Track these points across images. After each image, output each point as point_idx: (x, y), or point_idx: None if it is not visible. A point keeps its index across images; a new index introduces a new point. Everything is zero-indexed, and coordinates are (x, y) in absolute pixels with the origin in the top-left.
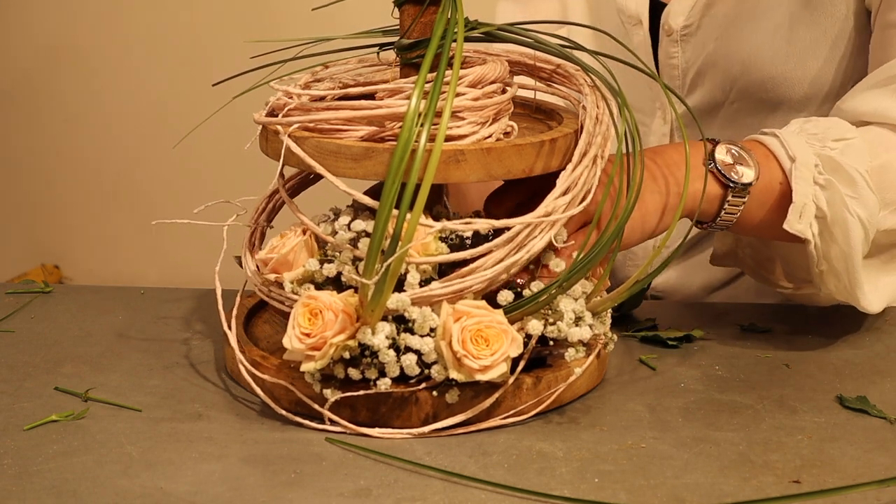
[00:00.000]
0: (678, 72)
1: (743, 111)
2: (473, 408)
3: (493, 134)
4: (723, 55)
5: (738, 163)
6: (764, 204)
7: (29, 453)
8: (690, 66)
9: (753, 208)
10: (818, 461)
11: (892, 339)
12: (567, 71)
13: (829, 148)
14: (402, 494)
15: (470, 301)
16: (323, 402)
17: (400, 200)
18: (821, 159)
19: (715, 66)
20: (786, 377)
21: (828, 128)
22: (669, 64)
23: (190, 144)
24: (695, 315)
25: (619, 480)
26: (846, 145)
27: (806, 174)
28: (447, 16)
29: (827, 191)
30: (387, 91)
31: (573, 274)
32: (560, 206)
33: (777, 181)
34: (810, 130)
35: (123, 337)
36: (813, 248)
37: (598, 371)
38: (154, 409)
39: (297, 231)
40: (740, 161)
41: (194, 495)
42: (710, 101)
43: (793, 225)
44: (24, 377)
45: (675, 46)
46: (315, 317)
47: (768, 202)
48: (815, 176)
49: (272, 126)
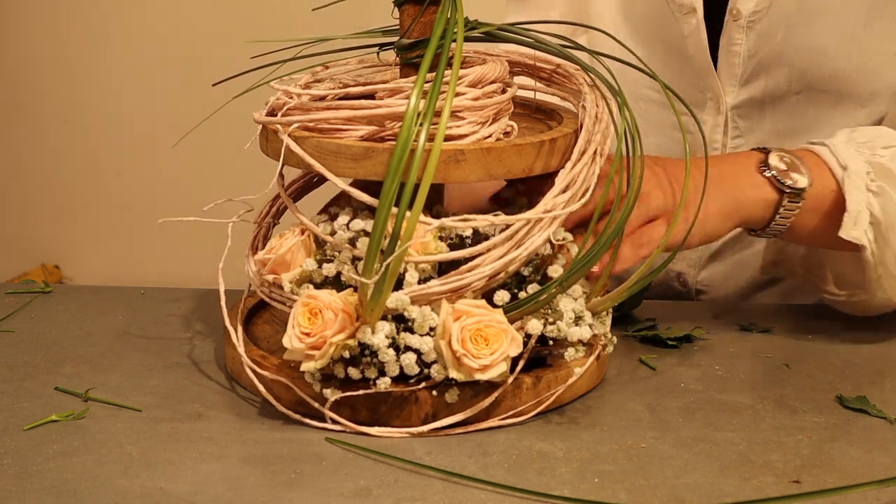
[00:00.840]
0: (739, 59)
1: (805, 102)
2: (473, 407)
3: (493, 134)
4: (791, 44)
5: (791, 170)
6: (817, 211)
7: (29, 453)
8: (754, 53)
9: (807, 215)
10: (818, 461)
11: (892, 339)
12: (567, 70)
13: (879, 155)
14: (402, 494)
15: (469, 300)
16: (323, 401)
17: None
18: (872, 166)
19: (782, 55)
20: (786, 377)
21: (876, 136)
22: (731, 51)
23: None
24: (695, 315)
25: (619, 480)
26: (895, 152)
27: (858, 182)
28: (447, 16)
29: (880, 197)
30: (387, 91)
31: (573, 274)
32: (560, 203)
33: (830, 189)
34: (858, 139)
35: (123, 337)
36: (869, 254)
37: (598, 371)
38: (154, 409)
39: (296, 231)
40: (794, 168)
41: (194, 495)
42: (773, 90)
43: (849, 232)
44: (24, 377)
45: (741, 33)
46: (315, 316)
47: (821, 209)
48: (868, 183)
49: (272, 126)
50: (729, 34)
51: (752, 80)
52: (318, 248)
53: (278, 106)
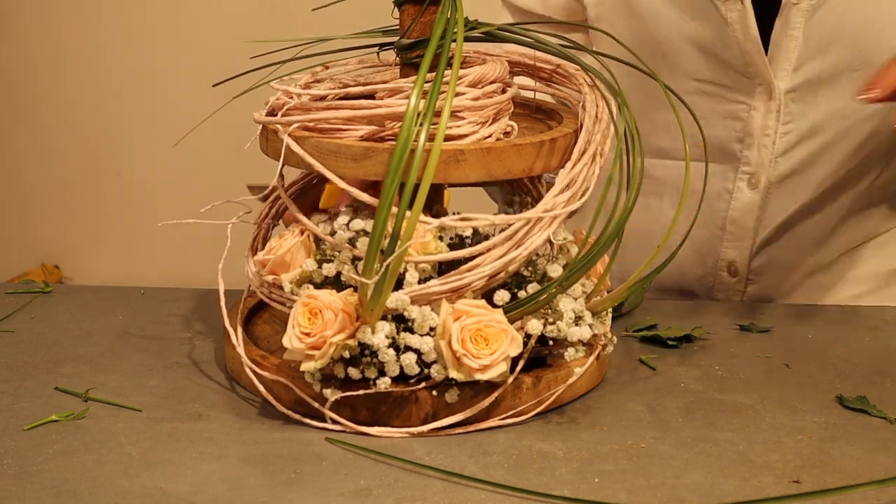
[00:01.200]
0: (796, 43)
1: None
2: (473, 407)
3: (493, 134)
4: (852, 21)
5: None
6: None
7: (29, 453)
8: (811, 34)
9: None
10: (818, 461)
11: (892, 339)
12: (567, 71)
13: None
14: (402, 494)
15: (469, 300)
16: (323, 401)
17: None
18: None
19: (840, 33)
20: (786, 377)
21: None
22: (789, 35)
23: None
24: (695, 315)
25: (619, 480)
26: None
27: None
28: (447, 16)
29: None
30: (387, 91)
31: (573, 273)
32: (559, 202)
33: None
34: None
35: (123, 337)
36: None
37: (598, 371)
38: (154, 409)
39: (295, 231)
40: None
41: (194, 495)
42: (833, 69)
43: None
44: (24, 377)
45: (801, 16)
46: (315, 316)
47: None
48: None
49: (272, 126)
50: (787, 18)
51: (806, 62)
52: (317, 248)
53: (278, 106)
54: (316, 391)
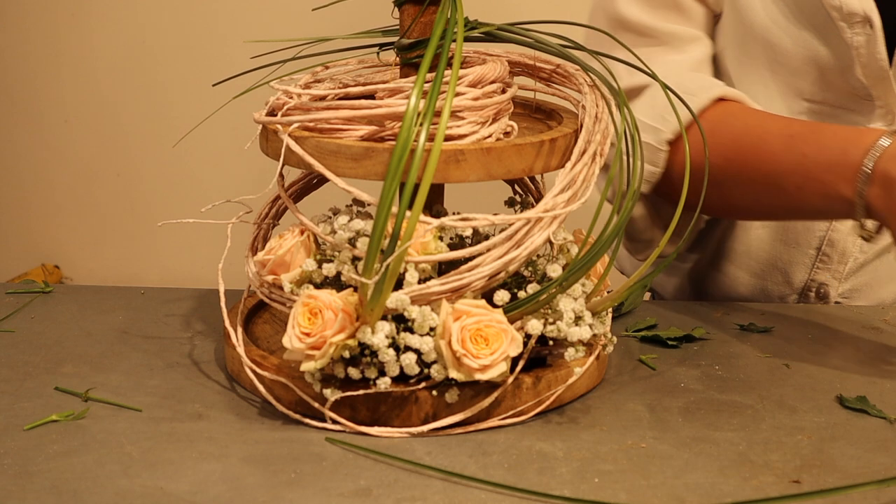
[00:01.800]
0: None
1: None
2: (473, 407)
3: (493, 134)
4: None
5: None
6: None
7: (29, 453)
8: None
9: None
10: (818, 461)
11: (892, 339)
12: (567, 70)
13: None
14: (402, 494)
15: (469, 300)
16: (323, 401)
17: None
18: None
19: None
20: (786, 377)
21: None
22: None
23: (190, 144)
24: (695, 315)
25: (619, 480)
26: None
27: None
28: (447, 16)
29: None
30: (387, 91)
31: (573, 273)
32: (560, 202)
33: None
34: None
35: (123, 337)
36: None
37: (598, 371)
38: (154, 409)
39: (295, 231)
40: None
41: (194, 495)
42: None
43: None
44: (25, 377)
45: None
46: (315, 316)
47: None
48: None
49: (272, 126)
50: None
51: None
52: (317, 248)
53: (278, 106)
54: (316, 391)
